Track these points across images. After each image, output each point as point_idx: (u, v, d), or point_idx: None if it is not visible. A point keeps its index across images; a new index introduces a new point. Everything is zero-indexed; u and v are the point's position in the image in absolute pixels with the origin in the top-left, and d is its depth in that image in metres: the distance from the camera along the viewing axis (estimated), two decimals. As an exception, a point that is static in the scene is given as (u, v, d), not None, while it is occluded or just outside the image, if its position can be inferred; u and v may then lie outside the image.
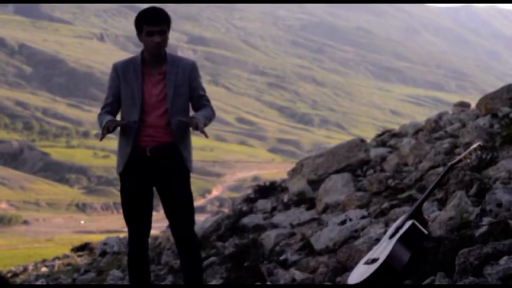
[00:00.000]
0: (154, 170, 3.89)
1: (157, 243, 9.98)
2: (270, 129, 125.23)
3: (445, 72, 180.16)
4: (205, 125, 3.87)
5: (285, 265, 5.21)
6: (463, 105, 9.11)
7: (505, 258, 3.02)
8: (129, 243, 4.03)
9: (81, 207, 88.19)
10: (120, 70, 3.94)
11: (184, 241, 3.97)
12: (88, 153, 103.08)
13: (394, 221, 4.30)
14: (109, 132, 3.79)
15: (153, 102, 3.88)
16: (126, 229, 4.08)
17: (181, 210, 3.93)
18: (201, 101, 3.99)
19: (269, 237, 6.23)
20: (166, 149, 3.89)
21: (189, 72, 3.95)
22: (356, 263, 4.00)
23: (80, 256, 13.68)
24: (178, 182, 3.91)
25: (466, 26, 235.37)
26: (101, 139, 3.88)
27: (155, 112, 3.88)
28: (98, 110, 4.06)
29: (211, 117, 3.96)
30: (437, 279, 3.20)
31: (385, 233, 4.19)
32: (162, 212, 4.00)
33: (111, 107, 3.96)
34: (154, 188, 4.01)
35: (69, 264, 12.39)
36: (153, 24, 3.82)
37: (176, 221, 3.94)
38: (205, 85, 4.16)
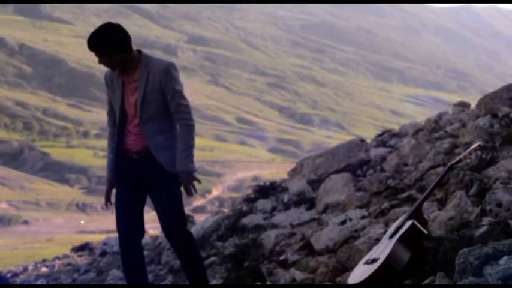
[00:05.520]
0: (138, 174, 3.97)
1: (157, 243, 9.98)
2: (270, 129, 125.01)
3: (445, 72, 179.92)
4: (191, 157, 3.90)
5: (285, 265, 5.21)
6: (463, 105, 9.10)
7: (505, 258, 3.02)
8: (120, 245, 4.08)
9: (81, 207, 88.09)
10: (108, 78, 3.99)
11: (173, 240, 4.04)
12: (88, 153, 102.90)
13: (394, 221, 4.30)
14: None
15: (132, 111, 3.90)
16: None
17: (165, 212, 3.98)
18: (177, 113, 3.91)
19: (269, 237, 6.23)
20: (144, 156, 3.92)
21: (160, 75, 3.83)
22: (356, 263, 4.00)
23: (80, 256, 13.66)
24: (158, 186, 3.95)
25: (466, 26, 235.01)
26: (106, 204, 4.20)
27: (134, 120, 3.91)
28: (98, 110, 4.13)
29: (191, 142, 3.90)
30: (437, 279, 3.20)
31: (385, 233, 4.19)
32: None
33: (112, 117, 4.06)
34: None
35: (69, 264, 12.37)
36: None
37: (163, 222, 4.01)
38: (205, 85, 4.11)
